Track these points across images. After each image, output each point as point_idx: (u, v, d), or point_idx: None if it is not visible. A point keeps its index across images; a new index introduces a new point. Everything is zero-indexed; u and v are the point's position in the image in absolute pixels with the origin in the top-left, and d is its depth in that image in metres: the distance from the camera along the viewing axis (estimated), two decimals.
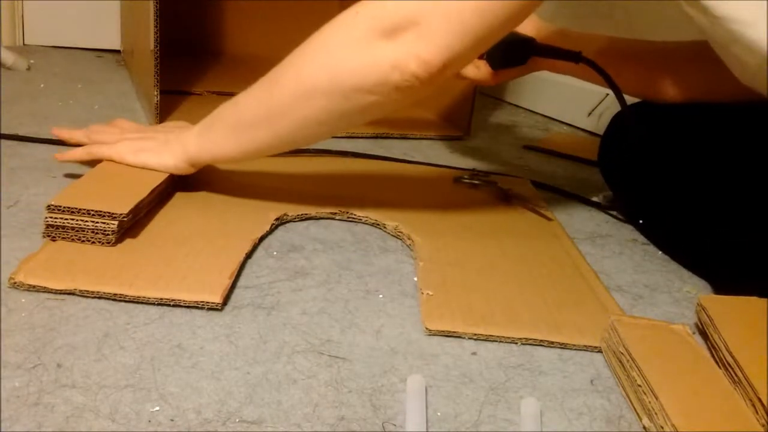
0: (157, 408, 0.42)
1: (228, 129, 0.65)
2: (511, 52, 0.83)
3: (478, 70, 0.87)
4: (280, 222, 0.70)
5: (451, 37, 0.56)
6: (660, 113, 0.80)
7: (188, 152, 0.68)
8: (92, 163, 0.71)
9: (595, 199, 0.90)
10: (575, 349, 0.54)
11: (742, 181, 0.66)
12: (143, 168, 0.69)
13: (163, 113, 0.97)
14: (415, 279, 0.62)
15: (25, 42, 1.45)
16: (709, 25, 0.60)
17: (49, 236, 0.58)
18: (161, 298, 0.53)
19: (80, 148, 0.72)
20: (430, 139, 1.11)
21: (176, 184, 0.72)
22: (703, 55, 0.66)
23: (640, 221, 0.80)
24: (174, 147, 0.69)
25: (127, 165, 0.69)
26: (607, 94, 1.24)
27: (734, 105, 0.70)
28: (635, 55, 0.83)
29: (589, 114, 1.29)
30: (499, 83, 0.90)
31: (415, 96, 0.59)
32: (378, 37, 0.57)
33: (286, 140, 0.65)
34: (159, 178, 0.68)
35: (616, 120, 0.86)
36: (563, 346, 0.54)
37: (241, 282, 0.58)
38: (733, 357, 0.49)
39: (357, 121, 0.64)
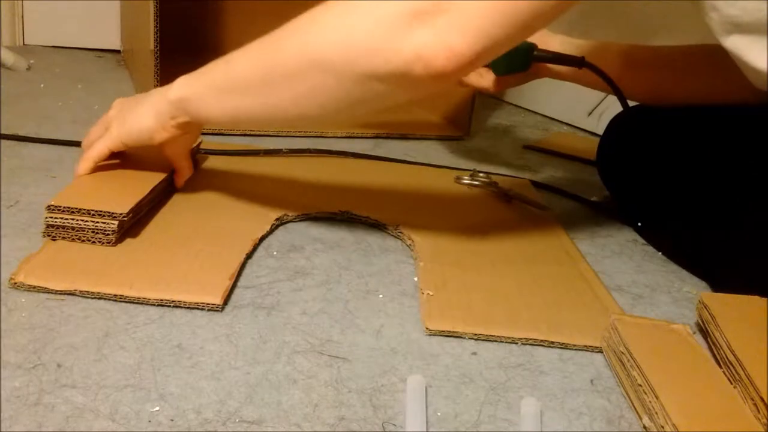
0: (157, 408, 0.42)
1: (214, 88, 0.60)
2: (513, 59, 0.83)
3: (481, 78, 0.87)
4: (280, 222, 0.70)
5: (489, 25, 0.49)
6: (658, 115, 0.80)
7: (169, 100, 0.62)
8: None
9: (594, 199, 0.90)
10: (575, 349, 0.54)
11: (742, 182, 0.66)
12: (134, 136, 0.65)
13: None
14: (415, 279, 0.62)
15: (25, 42, 1.45)
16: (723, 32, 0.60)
17: (49, 236, 0.58)
18: (162, 299, 0.52)
19: (80, 162, 0.66)
20: (431, 139, 1.11)
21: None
22: (708, 60, 0.65)
23: (639, 224, 0.80)
24: (154, 98, 0.63)
25: (125, 146, 0.66)
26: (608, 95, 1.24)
27: (736, 107, 0.70)
28: (640, 61, 0.83)
29: (589, 114, 1.29)
30: (501, 90, 0.89)
31: (425, 92, 0.54)
32: (406, 19, 0.49)
33: (274, 115, 0.58)
34: (158, 177, 0.68)
35: (614, 123, 0.86)
36: (563, 346, 0.54)
37: (241, 282, 0.58)
38: (734, 355, 0.49)
39: (353, 111, 0.57)
